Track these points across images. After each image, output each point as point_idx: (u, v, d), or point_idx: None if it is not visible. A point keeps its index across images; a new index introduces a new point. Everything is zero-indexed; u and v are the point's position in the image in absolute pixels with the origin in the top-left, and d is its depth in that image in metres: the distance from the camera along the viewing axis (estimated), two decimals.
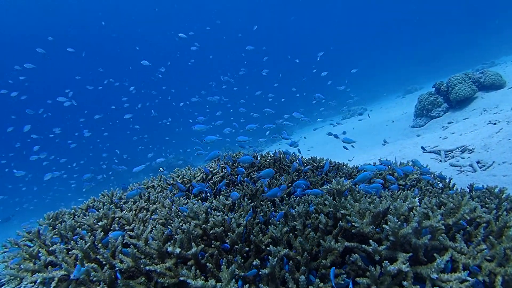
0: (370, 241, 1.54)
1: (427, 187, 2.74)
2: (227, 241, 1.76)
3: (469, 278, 1.43)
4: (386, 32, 44.56)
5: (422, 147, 5.87)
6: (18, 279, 2.22)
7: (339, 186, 2.03)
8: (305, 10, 44.80)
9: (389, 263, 1.44)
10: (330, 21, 46.94)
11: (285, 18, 42.18)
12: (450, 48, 30.42)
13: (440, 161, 5.08)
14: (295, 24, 44.72)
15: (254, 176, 3.29)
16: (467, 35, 33.06)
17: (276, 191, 1.95)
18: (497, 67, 13.28)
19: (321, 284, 1.48)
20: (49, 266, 2.14)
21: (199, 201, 2.45)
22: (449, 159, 5.00)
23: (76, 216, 2.76)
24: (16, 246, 2.49)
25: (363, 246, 1.58)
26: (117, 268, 1.80)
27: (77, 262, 2.02)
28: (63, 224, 2.41)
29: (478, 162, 4.38)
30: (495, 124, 5.54)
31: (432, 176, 3.13)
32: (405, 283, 1.37)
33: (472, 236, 1.79)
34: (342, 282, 1.50)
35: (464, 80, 8.93)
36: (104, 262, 1.95)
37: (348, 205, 1.80)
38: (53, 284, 2.02)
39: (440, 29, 39.33)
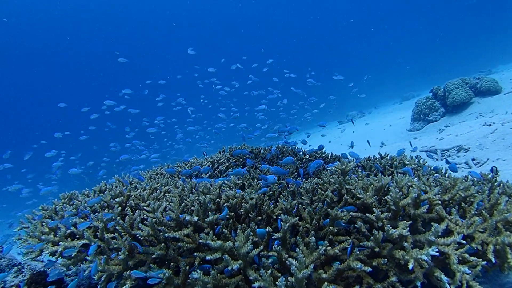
0: (374, 209, 1.68)
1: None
2: (241, 211, 1.90)
3: (463, 242, 1.58)
4: (384, 41, 45.21)
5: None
6: (38, 250, 2.33)
7: (344, 166, 2.18)
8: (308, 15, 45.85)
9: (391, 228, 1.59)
10: (327, 27, 47.70)
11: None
12: (448, 57, 30.92)
13: (437, 159, 5.26)
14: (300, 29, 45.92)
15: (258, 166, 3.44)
16: (465, 44, 33.67)
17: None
18: (494, 75, 13.52)
19: (329, 248, 1.62)
20: (69, 238, 2.26)
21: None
22: (445, 158, 5.17)
23: (90, 196, 2.88)
24: (34, 222, 2.61)
25: (367, 214, 1.73)
26: (137, 236, 1.93)
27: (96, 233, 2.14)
28: (79, 201, 2.53)
29: (473, 160, 4.56)
30: (490, 125, 5.73)
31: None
32: (405, 244, 1.52)
33: (466, 211, 1.94)
34: (348, 246, 1.64)
35: (461, 86, 9.17)
36: (123, 233, 2.07)
37: (352, 181, 1.95)
38: (74, 253, 2.15)
39: (438, 38, 40.03)
